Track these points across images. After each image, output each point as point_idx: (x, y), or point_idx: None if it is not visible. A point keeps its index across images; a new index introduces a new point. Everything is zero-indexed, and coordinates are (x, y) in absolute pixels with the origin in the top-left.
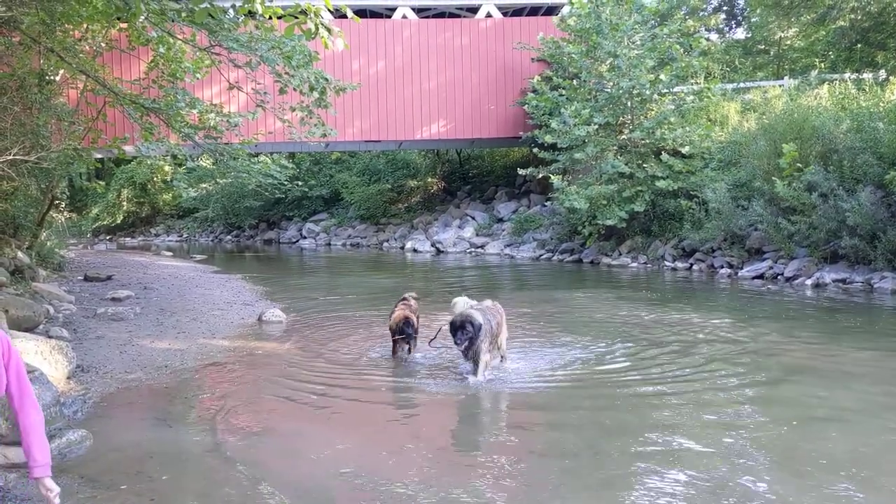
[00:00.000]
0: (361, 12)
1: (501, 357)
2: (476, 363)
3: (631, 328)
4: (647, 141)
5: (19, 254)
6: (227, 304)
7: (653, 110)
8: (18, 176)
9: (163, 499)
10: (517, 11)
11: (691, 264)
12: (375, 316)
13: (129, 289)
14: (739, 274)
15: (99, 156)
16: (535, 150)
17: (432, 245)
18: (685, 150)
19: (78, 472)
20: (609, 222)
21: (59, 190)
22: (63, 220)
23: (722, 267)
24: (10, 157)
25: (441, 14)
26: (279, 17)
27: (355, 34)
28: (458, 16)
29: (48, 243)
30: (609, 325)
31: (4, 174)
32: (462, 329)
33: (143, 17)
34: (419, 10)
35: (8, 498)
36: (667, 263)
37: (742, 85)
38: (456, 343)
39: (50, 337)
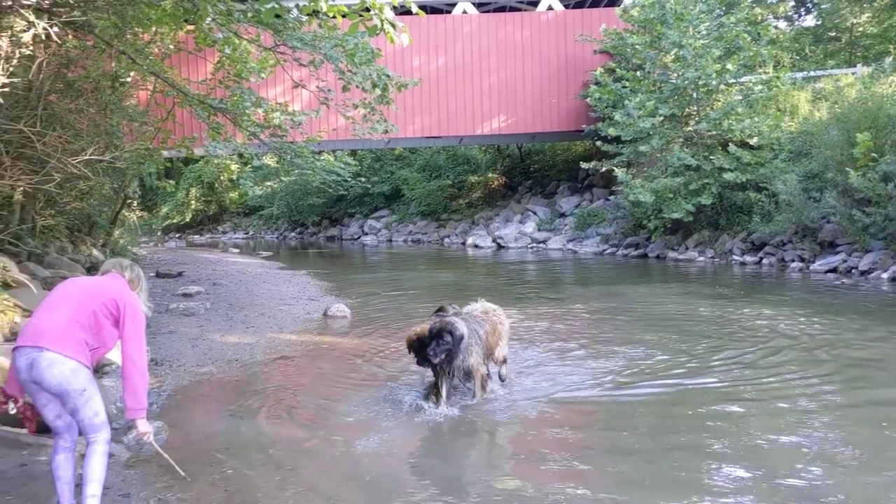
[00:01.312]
0: (422, 8)
1: (500, 376)
2: (466, 379)
3: (705, 324)
4: (714, 132)
5: (94, 251)
6: (294, 299)
7: (719, 101)
8: (94, 175)
9: (236, 490)
10: (578, 3)
11: (761, 258)
12: None
13: (199, 285)
14: (811, 268)
15: (168, 155)
16: (598, 143)
17: (493, 241)
18: (753, 141)
19: (156, 462)
20: (675, 216)
21: (131, 189)
22: (135, 218)
23: (793, 261)
24: (87, 157)
25: (502, 8)
26: (343, 16)
27: (415, 30)
28: (519, 9)
29: (121, 241)
30: (681, 323)
31: (81, 174)
32: (439, 338)
33: (209, 19)
34: (479, 5)
35: None
36: (735, 257)
37: (812, 73)
38: (429, 356)
39: None
